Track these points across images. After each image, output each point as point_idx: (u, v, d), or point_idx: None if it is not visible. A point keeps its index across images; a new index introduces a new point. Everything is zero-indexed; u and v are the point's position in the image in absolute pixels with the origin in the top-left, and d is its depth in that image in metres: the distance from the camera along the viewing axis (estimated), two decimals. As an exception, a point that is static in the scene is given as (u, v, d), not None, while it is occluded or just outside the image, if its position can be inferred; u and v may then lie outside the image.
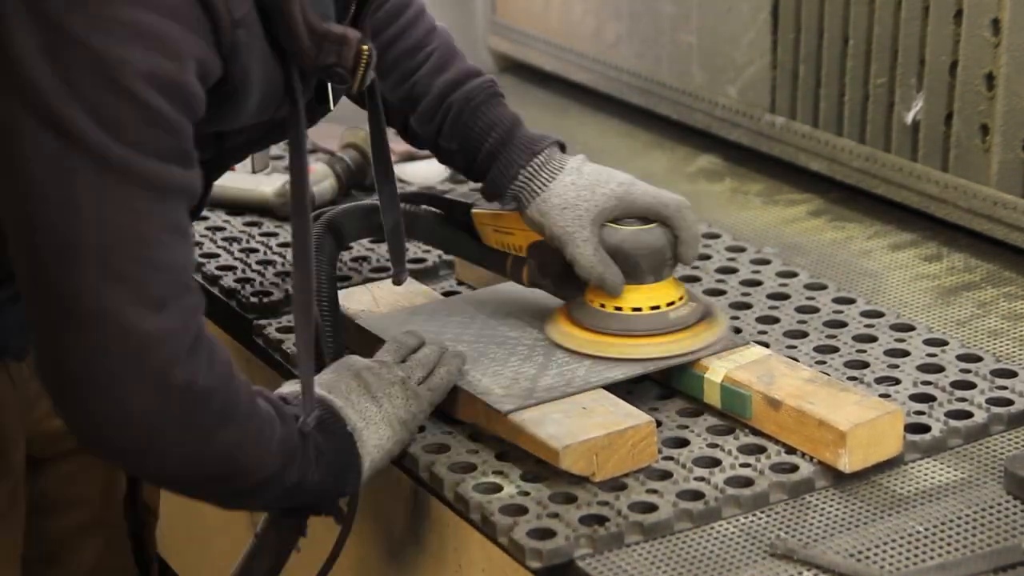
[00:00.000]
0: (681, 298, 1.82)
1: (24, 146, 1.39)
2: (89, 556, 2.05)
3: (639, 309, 1.80)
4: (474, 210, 1.93)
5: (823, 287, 2.07)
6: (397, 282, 1.92)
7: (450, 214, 1.95)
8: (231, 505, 1.68)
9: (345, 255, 2.21)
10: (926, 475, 1.68)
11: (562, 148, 1.87)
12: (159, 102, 1.41)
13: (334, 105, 1.71)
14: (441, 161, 1.95)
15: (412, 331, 1.78)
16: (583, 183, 1.81)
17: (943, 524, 1.59)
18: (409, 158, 2.56)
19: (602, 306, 1.81)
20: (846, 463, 1.64)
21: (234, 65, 1.50)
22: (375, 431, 1.65)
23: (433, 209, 1.98)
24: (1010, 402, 1.78)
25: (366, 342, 1.88)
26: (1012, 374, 1.84)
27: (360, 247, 2.24)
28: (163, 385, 1.44)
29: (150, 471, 1.55)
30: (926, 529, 1.58)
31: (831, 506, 1.63)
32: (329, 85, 1.68)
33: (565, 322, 1.85)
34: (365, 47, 1.60)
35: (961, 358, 1.87)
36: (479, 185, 1.90)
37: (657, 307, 1.81)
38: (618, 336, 1.80)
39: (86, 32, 1.38)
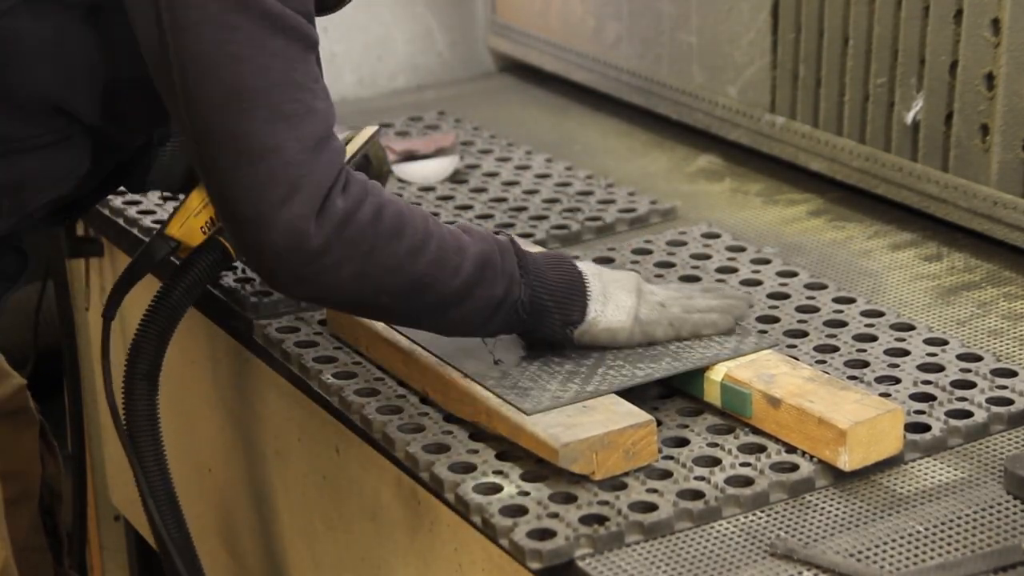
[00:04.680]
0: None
1: (189, 14, 1.56)
2: (19, 529, 2.09)
3: None
4: (168, 230, 1.93)
5: (823, 287, 2.07)
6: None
7: (159, 257, 1.94)
8: (436, 322, 1.74)
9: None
10: (926, 475, 1.68)
11: None
12: None
13: None
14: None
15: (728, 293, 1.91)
16: None
17: (943, 524, 1.59)
18: (409, 158, 2.56)
19: None
20: (846, 461, 1.64)
21: None
22: (613, 303, 1.77)
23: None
24: (1010, 402, 1.78)
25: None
26: (1012, 374, 1.84)
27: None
28: (327, 209, 1.59)
29: (327, 293, 1.66)
30: (926, 529, 1.58)
31: (831, 506, 1.63)
32: None
33: None
34: None
35: (961, 357, 1.87)
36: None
37: None
38: None
39: None
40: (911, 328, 1.95)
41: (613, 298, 1.78)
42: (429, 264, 1.67)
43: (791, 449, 1.69)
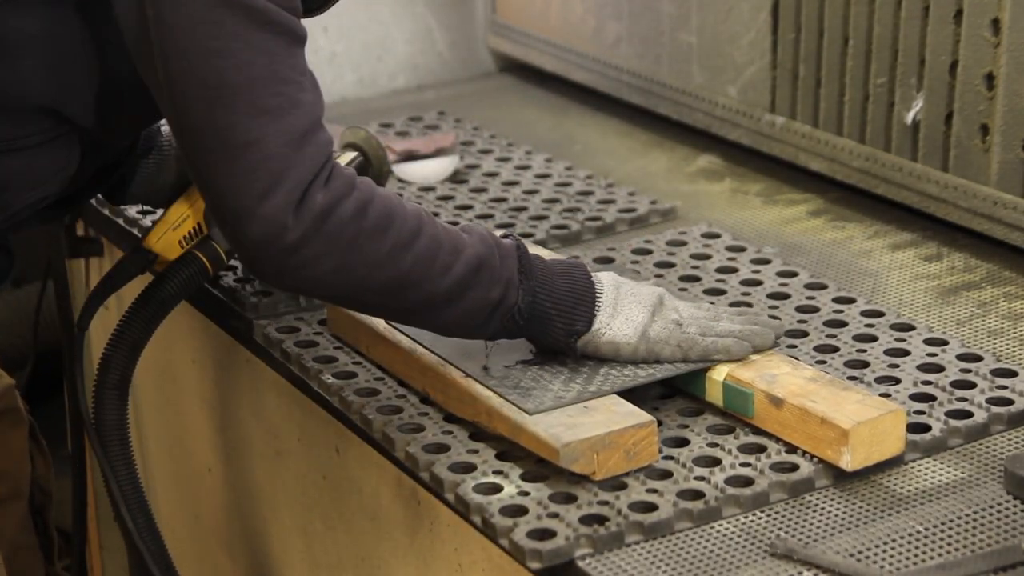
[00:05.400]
0: None
1: (174, 7, 1.58)
2: (9, 528, 2.10)
3: None
4: (147, 243, 1.97)
5: (823, 287, 2.07)
6: None
7: (135, 269, 1.97)
8: (429, 321, 1.73)
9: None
10: (926, 475, 1.68)
11: None
12: None
13: None
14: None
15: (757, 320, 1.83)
16: None
17: (943, 524, 1.59)
18: (409, 158, 2.56)
19: None
20: (848, 461, 1.64)
21: None
22: (623, 317, 1.75)
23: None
24: (1010, 402, 1.78)
25: None
26: (1012, 374, 1.84)
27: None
28: (306, 203, 1.59)
29: (309, 287, 1.67)
30: (926, 529, 1.58)
31: (831, 506, 1.63)
32: None
33: None
34: None
35: (961, 358, 1.87)
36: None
37: None
38: None
39: None
40: (911, 328, 1.95)
41: (624, 311, 1.76)
42: (416, 262, 1.66)
43: (791, 449, 1.69)
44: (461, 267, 1.68)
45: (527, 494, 1.63)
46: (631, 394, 1.74)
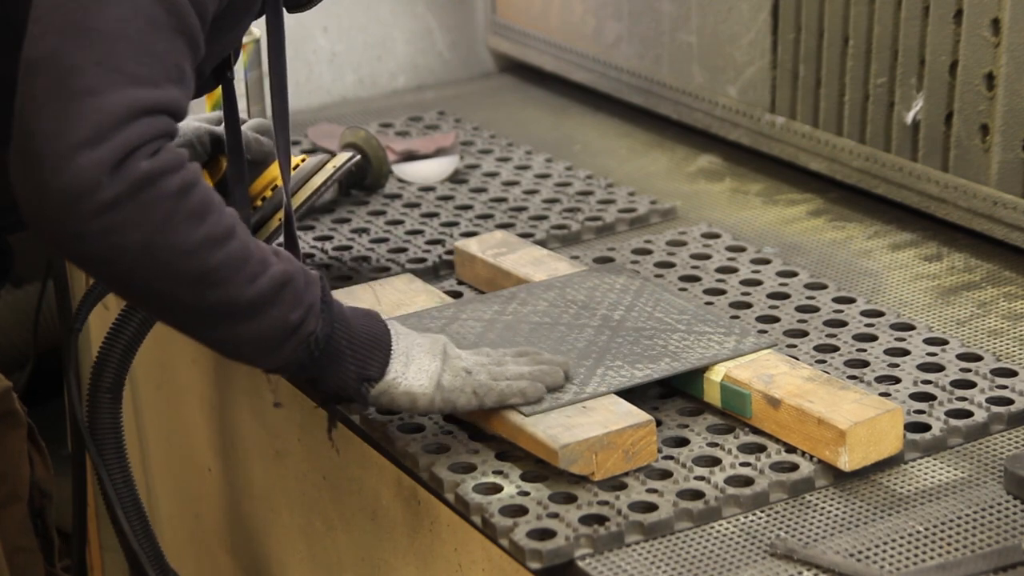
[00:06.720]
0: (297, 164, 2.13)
1: None
2: (8, 531, 2.10)
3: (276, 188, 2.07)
4: None
5: (823, 287, 2.07)
6: None
7: None
8: (221, 333, 1.62)
9: (345, 254, 2.21)
10: (926, 474, 1.68)
11: None
12: None
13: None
14: None
15: (550, 360, 1.76)
16: None
17: (943, 524, 1.59)
18: (409, 158, 2.56)
19: (263, 199, 2.06)
20: (846, 462, 1.64)
21: None
22: (416, 366, 1.68)
23: None
24: (1010, 401, 1.78)
25: None
26: (1012, 373, 1.84)
27: (360, 247, 2.24)
28: (127, 165, 1.49)
29: (109, 258, 1.53)
30: (926, 529, 1.58)
31: (831, 505, 1.63)
32: None
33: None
34: None
35: (961, 357, 1.87)
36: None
37: (297, 166, 2.11)
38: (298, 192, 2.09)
39: None
40: (911, 328, 1.95)
41: (416, 361, 1.69)
42: (225, 261, 1.56)
43: (791, 449, 1.69)
44: (267, 280, 1.59)
45: (527, 494, 1.63)
46: (630, 394, 1.74)
